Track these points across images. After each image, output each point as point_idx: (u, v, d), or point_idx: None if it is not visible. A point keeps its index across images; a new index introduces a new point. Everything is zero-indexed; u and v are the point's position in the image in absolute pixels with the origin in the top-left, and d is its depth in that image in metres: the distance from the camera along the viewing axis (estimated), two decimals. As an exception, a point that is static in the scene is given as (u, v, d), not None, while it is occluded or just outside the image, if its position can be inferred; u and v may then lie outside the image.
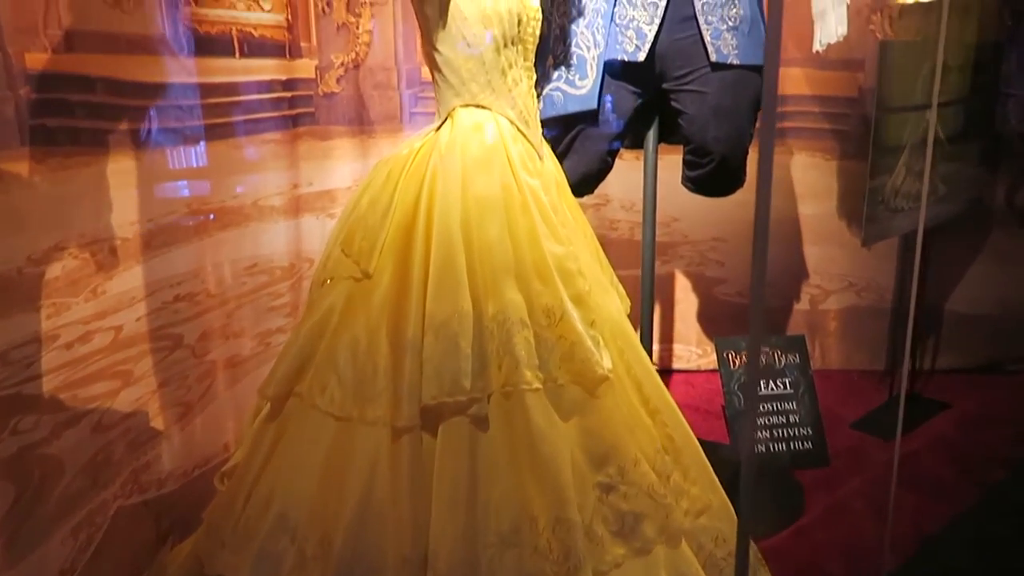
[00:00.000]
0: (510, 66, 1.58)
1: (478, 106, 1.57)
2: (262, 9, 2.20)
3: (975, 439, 2.45)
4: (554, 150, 2.01)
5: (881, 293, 2.93)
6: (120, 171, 1.74)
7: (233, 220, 2.16)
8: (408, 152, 1.58)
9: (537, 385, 1.43)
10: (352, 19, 2.46)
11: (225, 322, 2.14)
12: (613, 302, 1.65)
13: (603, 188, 2.15)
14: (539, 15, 1.65)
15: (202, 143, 2.01)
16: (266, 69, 2.25)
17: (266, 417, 1.57)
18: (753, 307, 0.73)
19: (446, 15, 1.52)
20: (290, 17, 2.30)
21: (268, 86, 2.27)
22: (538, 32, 1.66)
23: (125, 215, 1.76)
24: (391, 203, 1.52)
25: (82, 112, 1.64)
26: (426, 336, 1.41)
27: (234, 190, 2.16)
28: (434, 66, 1.59)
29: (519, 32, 1.58)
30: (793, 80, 2.75)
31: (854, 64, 2.72)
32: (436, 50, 1.56)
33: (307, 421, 1.49)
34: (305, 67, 2.40)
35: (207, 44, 2.03)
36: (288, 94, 2.33)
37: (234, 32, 2.11)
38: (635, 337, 1.66)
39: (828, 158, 2.84)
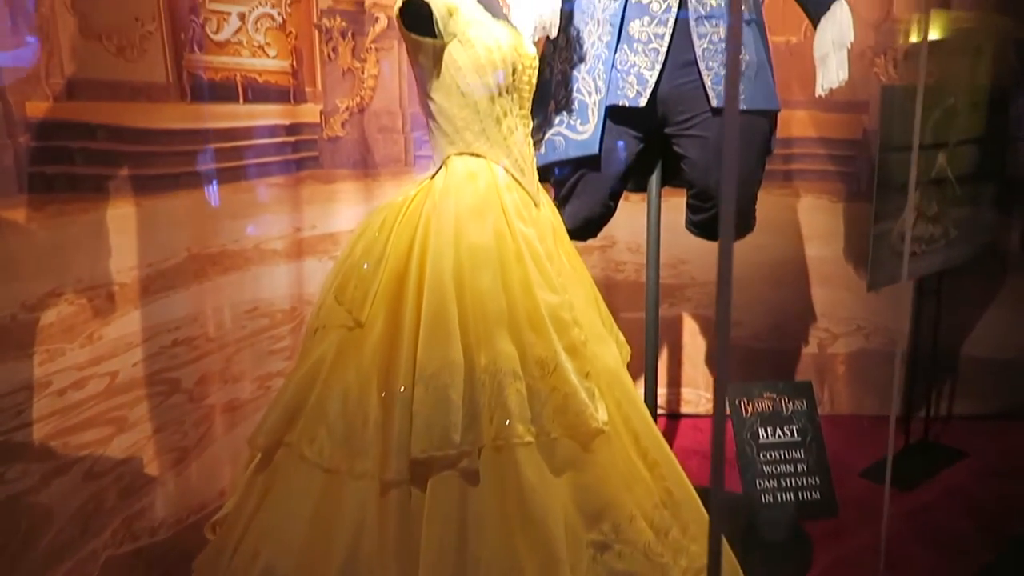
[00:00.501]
0: (505, 114, 1.58)
1: (472, 154, 1.56)
2: (267, 56, 2.22)
3: (994, 490, 2.37)
4: (557, 194, 2.00)
5: (890, 336, 2.87)
6: (120, 216, 1.75)
7: (234, 264, 2.16)
8: (403, 200, 1.57)
9: (529, 439, 1.40)
10: (357, 64, 2.48)
11: (224, 366, 2.13)
12: (610, 352, 1.61)
13: (609, 230, 2.14)
14: (535, 63, 1.65)
15: (204, 188, 2.02)
16: (270, 114, 2.27)
17: (256, 467, 1.55)
18: (720, 341, 0.71)
19: (440, 64, 1.52)
20: (295, 63, 2.32)
21: (272, 131, 2.28)
22: (534, 80, 1.66)
23: (124, 260, 1.77)
24: (384, 251, 1.51)
25: (81, 159, 1.65)
26: (416, 387, 1.39)
27: (236, 234, 2.16)
28: (429, 114, 1.59)
29: (514, 81, 1.58)
30: (799, 122, 2.75)
31: (859, 106, 2.71)
32: (430, 99, 1.56)
33: (296, 472, 1.47)
34: (310, 112, 2.42)
35: (211, 90, 2.05)
36: (292, 138, 2.35)
37: (238, 78, 2.14)
38: (633, 387, 1.62)
39: (835, 200, 2.82)
